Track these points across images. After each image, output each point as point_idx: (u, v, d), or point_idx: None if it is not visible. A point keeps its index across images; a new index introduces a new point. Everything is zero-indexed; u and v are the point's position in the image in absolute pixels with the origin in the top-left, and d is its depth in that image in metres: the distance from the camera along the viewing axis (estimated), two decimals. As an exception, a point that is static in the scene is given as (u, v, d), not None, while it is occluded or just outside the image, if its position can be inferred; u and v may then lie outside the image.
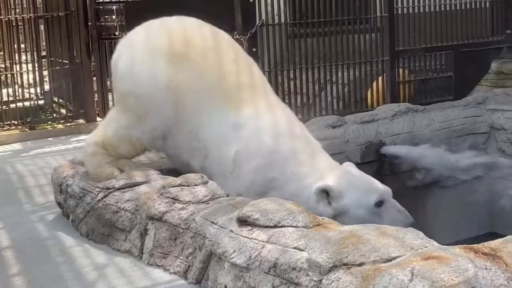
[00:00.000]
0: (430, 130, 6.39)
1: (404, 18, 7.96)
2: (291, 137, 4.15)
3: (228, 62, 4.24)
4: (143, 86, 4.14)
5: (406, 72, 7.93)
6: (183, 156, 4.29)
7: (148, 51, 4.21)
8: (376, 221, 3.83)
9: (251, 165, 4.05)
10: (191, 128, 4.17)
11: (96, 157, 4.24)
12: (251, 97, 4.18)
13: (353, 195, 4.01)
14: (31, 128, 8.27)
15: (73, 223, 4.27)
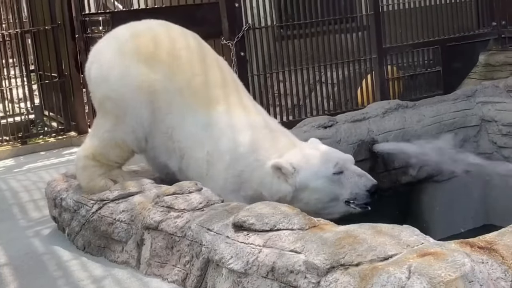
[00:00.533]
0: (421, 125, 6.41)
1: (390, 15, 7.97)
2: (252, 128, 4.19)
3: (197, 61, 4.29)
4: (116, 89, 4.18)
5: (395, 69, 7.95)
6: (161, 157, 4.32)
7: (118, 55, 4.25)
8: (338, 190, 4.07)
9: (221, 164, 4.12)
10: (166, 129, 4.22)
11: (87, 170, 4.23)
12: (219, 95, 4.24)
13: (310, 167, 4.07)
14: (23, 143, 8.25)
15: (69, 237, 4.27)
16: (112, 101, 4.19)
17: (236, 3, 7.01)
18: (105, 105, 4.25)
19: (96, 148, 4.27)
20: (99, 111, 4.41)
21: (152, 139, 4.28)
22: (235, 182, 4.12)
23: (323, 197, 4.13)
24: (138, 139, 4.24)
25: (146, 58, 4.19)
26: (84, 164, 4.26)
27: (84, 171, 4.25)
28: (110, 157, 4.28)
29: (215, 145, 4.13)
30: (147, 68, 4.17)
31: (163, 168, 4.39)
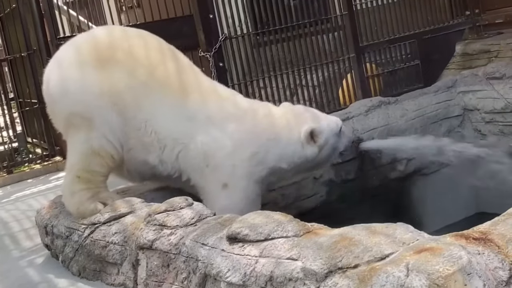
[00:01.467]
0: (405, 120, 6.44)
1: (364, 13, 8.00)
2: (245, 110, 4.38)
3: (155, 54, 4.31)
4: (79, 101, 4.15)
5: (374, 66, 7.98)
6: (139, 156, 4.29)
7: (74, 65, 4.22)
8: (339, 144, 4.70)
9: (223, 152, 4.19)
10: (139, 125, 4.22)
11: (75, 196, 4.19)
12: (188, 83, 4.30)
13: (328, 127, 4.58)
14: (8, 172, 8.20)
15: (64, 263, 4.23)
16: (78, 114, 4.15)
17: (210, 15, 7.02)
18: (73, 120, 4.18)
19: (77, 166, 4.23)
20: (67, 131, 4.31)
21: (127, 141, 4.25)
22: (244, 166, 4.22)
23: (332, 152, 4.67)
24: (112, 143, 4.21)
25: (103, 62, 4.17)
26: (71, 191, 4.22)
27: (72, 198, 4.21)
28: (93, 167, 4.22)
29: (209, 134, 4.18)
30: (106, 71, 4.15)
31: (142, 166, 4.33)
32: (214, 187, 4.20)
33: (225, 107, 4.32)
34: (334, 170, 5.88)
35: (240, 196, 4.27)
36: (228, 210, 3.99)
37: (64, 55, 4.35)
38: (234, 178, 4.17)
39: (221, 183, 4.18)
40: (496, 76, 6.54)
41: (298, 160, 4.43)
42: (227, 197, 4.25)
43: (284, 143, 4.36)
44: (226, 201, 4.24)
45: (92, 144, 4.19)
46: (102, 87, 4.14)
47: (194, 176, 4.23)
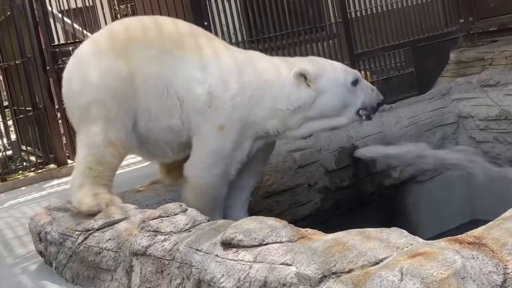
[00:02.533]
0: (400, 127, 6.46)
1: (359, 21, 8.02)
2: (251, 58, 4.49)
3: (168, 24, 4.52)
4: (102, 87, 4.27)
5: (368, 73, 7.99)
6: (162, 124, 4.38)
7: (93, 56, 4.38)
8: (351, 99, 4.46)
9: (227, 94, 4.28)
10: (161, 91, 4.32)
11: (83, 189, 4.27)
12: (202, 42, 4.44)
13: (331, 75, 4.40)
14: (2, 180, 8.18)
15: (57, 270, 4.21)
16: (99, 103, 4.26)
17: (205, 22, 7.02)
18: (91, 112, 4.28)
19: (89, 157, 4.29)
20: (81, 124, 4.40)
21: (148, 115, 4.35)
22: (243, 107, 4.31)
23: (339, 103, 4.44)
24: (128, 132, 4.32)
25: (118, 46, 4.34)
26: (80, 182, 4.29)
27: (80, 190, 4.27)
28: (106, 158, 4.29)
29: (218, 77, 4.30)
30: (123, 53, 4.30)
31: (167, 134, 4.42)
32: (211, 127, 4.30)
33: (237, 57, 4.44)
34: (328, 177, 5.89)
35: (232, 139, 4.34)
36: (216, 153, 4.30)
37: (82, 50, 4.51)
38: (231, 120, 4.27)
39: (218, 124, 4.28)
40: (490, 83, 6.57)
41: (296, 103, 4.35)
42: (219, 140, 4.33)
43: (281, 83, 4.35)
44: (216, 145, 4.34)
45: (108, 135, 4.27)
46: (121, 70, 4.28)
47: (196, 120, 4.32)
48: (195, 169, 4.43)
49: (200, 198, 4.36)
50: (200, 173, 4.41)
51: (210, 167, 4.37)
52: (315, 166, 5.80)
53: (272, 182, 5.51)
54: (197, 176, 4.42)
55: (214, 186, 4.43)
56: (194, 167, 4.43)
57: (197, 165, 4.42)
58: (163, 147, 4.52)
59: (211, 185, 4.41)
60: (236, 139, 4.36)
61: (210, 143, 4.34)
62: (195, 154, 4.41)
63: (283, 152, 5.64)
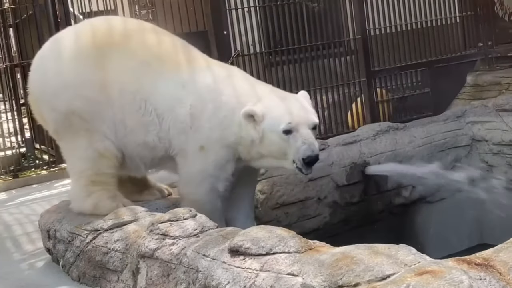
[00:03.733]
0: (413, 146, 6.43)
1: (377, 39, 8.04)
2: (230, 77, 4.42)
3: (150, 36, 4.42)
4: (77, 96, 4.19)
5: (384, 91, 8.01)
6: (138, 138, 4.32)
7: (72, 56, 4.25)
8: (287, 148, 4.24)
9: (205, 114, 4.27)
10: (138, 105, 4.26)
11: (93, 196, 4.28)
12: (184, 58, 4.39)
13: (269, 119, 4.23)
14: (14, 177, 8.23)
15: (64, 268, 4.23)
16: (77, 112, 4.19)
17: (224, 31, 7.06)
18: (72, 121, 4.23)
19: (87, 171, 4.29)
20: (65, 135, 4.34)
21: (123, 128, 4.29)
22: (219, 129, 4.29)
23: (276, 149, 4.28)
24: (113, 142, 4.28)
25: (99, 50, 4.23)
26: (87, 192, 4.29)
27: (89, 198, 4.28)
28: (103, 170, 4.30)
29: (198, 97, 4.27)
30: (103, 60, 4.21)
31: (142, 149, 4.36)
32: (193, 148, 4.30)
33: (216, 74, 4.39)
34: (338, 192, 5.87)
35: (212, 159, 4.33)
36: (201, 173, 4.28)
37: (61, 44, 4.37)
38: (209, 140, 4.27)
39: (199, 145, 4.28)
40: (506, 108, 6.54)
41: (248, 138, 4.28)
42: (202, 160, 4.32)
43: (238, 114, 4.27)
44: (200, 165, 4.33)
45: (96, 148, 4.24)
46: (96, 78, 4.20)
47: (178, 140, 4.30)
48: (186, 188, 4.47)
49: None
50: (190, 190, 4.43)
51: (198, 185, 4.37)
52: (326, 180, 5.78)
53: (282, 194, 5.51)
54: (189, 194, 4.44)
55: (206, 201, 4.40)
56: (184, 185, 4.47)
57: (186, 183, 4.45)
58: (137, 161, 4.46)
59: (203, 201, 4.38)
60: (216, 160, 4.34)
61: (194, 163, 4.35)
62: (183, 174, 4.43)
63: (295, 165, 5.63)
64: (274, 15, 7.58)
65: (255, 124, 4.22)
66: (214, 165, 4.34)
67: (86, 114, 4.20)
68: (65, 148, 4.44)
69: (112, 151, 4.29)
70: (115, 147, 4.30)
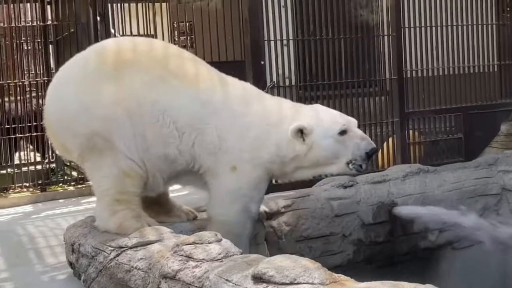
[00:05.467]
0: (442, 191, 6.37)
1: (413, 81, 8.03)
2: (253, 96, 4.56)
3: (164, 51, 4.48)
4: (97, 117, 4.20)
5: (416, 133, 7.97)
6: (158, 151, 4.32)
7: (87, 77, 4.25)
8: (342, 149, 4.48)
9: (232, 136, 4.34)
10: (156, 117, 4.27)
11: (118, 214, 4.28)
12: (200, 72, 4.43)
13: (320, 128, 4.44)
14: (42, 190, 8.30)
15: (85, 283, 4.24)
16: (98, 133, 4.20)
17: (261, 61, 7.11)
18: (96, 143, 4.23)
19: (111, 190, 4.29)
20: (90, 156, 4.32)
21: (144, 141, 4.28)
22: (250, 149, 4.36)
23: (328, 155, 4.49)
24: (135, 161, 4.28)
25: (114, 70, 4.23)
26: (112, 211, 4.29)
27: (114, 216, 4.27)
28: (127, 188, 4.30)
29: (222, 118, 4.34)
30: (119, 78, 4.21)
31: (163, 162, 4.36)
32: (224, 169, 4.37)
33: (235, 93, 4.47)
34: (364, 230, 5.83)
35: (245, 180, 4.41)
36: (234, 193, 4.34)
37: (75, 69, 4.41)
38: (241, 161, 4.35)
39: (230, 165, 4.36)
40: (539, 160, 6.48)
41: (290, 154, 4.45)
42: (235, 180, 4.40)
43: (281, 132, 4.42)
44: (233, 184, 4.41)
45: (120, 166, 4.25)
46: (114, 95, 4.20)
47: (207, 161, 4.36)
48: (216, 209, 4.48)
49: (225, 236, 4.34)
50: (221, 211, 4.46)
51: (230, 205, 4.42)
52: (352, 217, 5.74)
53: (307, 227, 5.48)
54: (219, 215, 4.46)
55: (236, 223, 4.45)
56: (215, 206, 4.49)
57: (217, 204, 4.47)
58: (156, 177, 4.44)
59: (233, 222, 4.43)
60: (250, 180, 4.43)
61: (226, 183, 4.41)
62: (214, 194, 4.46)
63: (322, 199, 5.61)
64: (311, 49, 7.62)
65: (304, 137, 4.39)
66: (248, 185, 4.41)
67: (107, 133, 4.21)
68: (90, 168, 4.43)
69: (136, 170, 4.30)
70: (137, 165, 4.29)
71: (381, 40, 8.05)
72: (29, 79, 9.29)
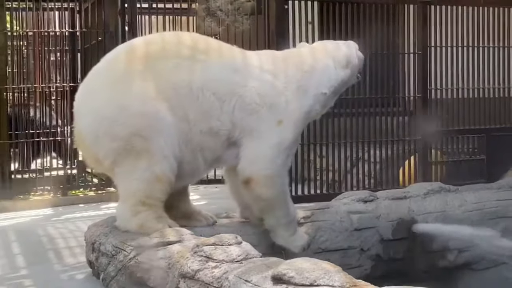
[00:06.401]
0: (463, 210, 6.32)
1: (438, 100, 8.03)
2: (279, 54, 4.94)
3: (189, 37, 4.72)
4: (135, 115, 4.26)
5: (439, 153, 7.95)
6: (202, 126, 4.42)
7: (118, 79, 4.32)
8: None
9: (276, 90, 4.57)
10: (196, 95, 4.38)
11: (140, 214, 4.31)
12: (227, 48, 4.71)
13: (354, 50, 5.01)
14: (63, 194, 8.37)
15: (104, 282, 4.26)
16: (137, 131, 4.25)
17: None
18: (133, 144, 4.26)
19: (139, 192, 4.32)
20: (125, 160, 4.34)
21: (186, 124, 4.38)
22: (294, 100, 4.60)
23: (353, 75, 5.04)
24: (171, 163, 4.32)
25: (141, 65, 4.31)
26: (134, 211, 4.32)
27: (136, 217, 4.31)
28: (155, 194, 4.34)
29: (259, 79, 4.54)
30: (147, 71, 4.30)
31: (207, 137, 4.45)
32: (269, 125, 4.54)
33: (265, 57, 4.76)
34: (382, 246, 5.80)
35: (289, 132, 4.61)
36: (278, 146, 4.55)
37: (106, 74, 4.46)
38: (288, 113, 4.56)
39: (276, 120, 4.54)
40: (562, 183, 6.43)
41: (336, 83, 4.84)
42: (280, 134, 4.57)
43: (321, 70, 4.76)
44: (278, 138, 4.56)
45: (154, 170, 4.28)
46: (148, 89, 4.28)
47: (249, 122, 4.49)
48: (260, 163, 4.54)
49: (271, 190, 4.56)
50: (265, 165, 4.54)
51: (274, 159, 4.55)
52: (371, 232, 5.72)
53: (326, 239, 5.46)
54: (262, 169, 4.53)
55: (280, 175, 4.61)
56: (258, 162, 4.54)
57: (260, 159, 4.55)
58: (197, 159, 4.51)
59: (277, 175, 4.58)
60: (295, 132, 4.66)
61: (271, 138, 4.54)
62: (256, 152, 4.54)
63: (342, 212, 5.61)
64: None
65: (347, 63, 4.89)
66: (292, 137, 4.63)
67: (147, 130, 4.26)
68: (121, 173, 4.43)
69: (168, 176, 4.33)
70: (171, 170, 4.33)
71: (407, 58, 8.06)
72: (56, 83, 9.38)
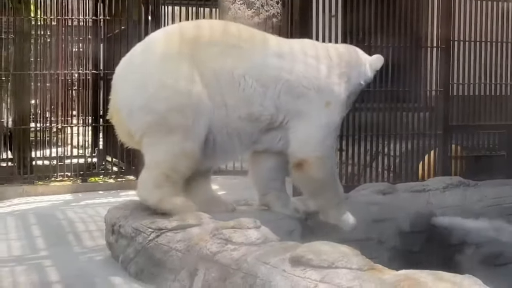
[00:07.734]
0: (482, 205, 6.31)
1: (460, 94, 7.99)
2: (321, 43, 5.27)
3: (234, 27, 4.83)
4: (178, 93, 4.37)
5: (459, 148, 7.92)
6: (241, 112, 4.51)
7: (163, 58, 4.42)
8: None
9: (322, 73, 4.68)
10: (237, 82, 4.47)
11: (162, 189, 4.35)
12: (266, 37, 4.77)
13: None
14: (83, 181, 8.45)
15: (123, 264, 4.30)
16: (178, 110, 4.34)
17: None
18: (170, 120, 4.36)
19: (165, 164, 4.39)
20: (156, 133, 4.42)
21: (224, 110, 4.46)
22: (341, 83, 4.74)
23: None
24: (201, 143, 4.42)
25: (186, 48, 4.42)
26: (157, 183, 4.37)
27: (158, 190, 4.35)
28: (180, 168, 4.41)
29: (305, 64, 4.64)
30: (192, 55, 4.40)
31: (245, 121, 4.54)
32: (318, 106, 4.65)
33: (306, 44, 4.89)
34: (400, 238, 5.79)
35: (336, 113, 4.75)
36: (327, 127, 4.69)
37: (150, 52, 4.54)
38: (335, 95, 4.70)
39: (324, 101, 4.66)
40: None
41: (365, 81, 5.01)
42: (329, 115, 4.71)
43: (360, 63, 4.95)
44: (326, 119, 4.70)
45: (185, 146, 4.36)
46: (192, 72, 4.38)
47: (297, 104, 4.59)
48: (310, 146, 4.67)
49: (322, 172, 4.71)
50: (314, 148, 4.66)
51: (324, 141, 4.68)
52: (389, 224, 5.71)
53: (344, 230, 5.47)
54: (312, 151, 4.65)
55: (329, 156, 4.76)
56: (308, 144, 4.66)
57: (310, 141, 4.67)
58: (234, 142, 4.60)
59: (327, 156, 4.73)
60: (341, 112, 4.80)
61: (319, 119, 4.66)
62: (304, 134, 4.65)
63: (360, 203, 5.61)
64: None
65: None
66: (338, 119, 4.78)
67: (187, 108, 4.36)
68: (150, 143, 4.48)
69: (196, 154, 4.41)
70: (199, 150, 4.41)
71: (430, 52, 8.02)
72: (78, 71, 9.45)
